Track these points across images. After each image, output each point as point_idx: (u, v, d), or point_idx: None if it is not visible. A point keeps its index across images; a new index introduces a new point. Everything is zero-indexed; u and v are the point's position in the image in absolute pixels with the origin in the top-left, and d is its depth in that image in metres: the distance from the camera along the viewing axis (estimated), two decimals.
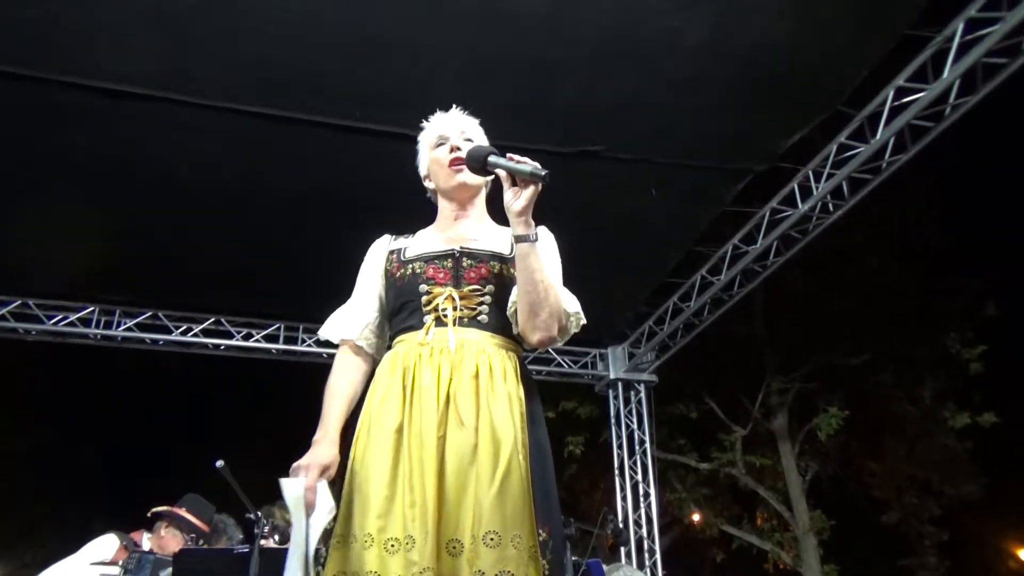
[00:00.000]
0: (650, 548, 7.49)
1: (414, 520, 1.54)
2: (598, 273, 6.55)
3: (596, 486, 14.14)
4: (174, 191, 5.42)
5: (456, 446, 1.60)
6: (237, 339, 7.19)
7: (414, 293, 1.81)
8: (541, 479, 1.65)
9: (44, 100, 4.58)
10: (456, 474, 1.57)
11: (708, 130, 5.10)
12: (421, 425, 1.62)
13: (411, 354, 1.73)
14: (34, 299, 6.72)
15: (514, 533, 1.51)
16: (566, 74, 4.60)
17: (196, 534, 3.77)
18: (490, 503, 1.52)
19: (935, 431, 12.28)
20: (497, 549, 1.49)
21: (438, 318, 1.76)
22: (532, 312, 1.68)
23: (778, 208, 5.73)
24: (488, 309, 1.78)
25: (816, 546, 11.89)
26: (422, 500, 1.55)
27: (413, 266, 1.84)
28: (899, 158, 4.87)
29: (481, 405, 1.64)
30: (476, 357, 1.70)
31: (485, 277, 1.79)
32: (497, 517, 1.52)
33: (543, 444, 1.72)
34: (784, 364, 12.24)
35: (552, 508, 1.65)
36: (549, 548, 1.57)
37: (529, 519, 1.55)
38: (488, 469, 1.56)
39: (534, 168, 1.61)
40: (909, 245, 11.70)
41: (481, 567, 1.48)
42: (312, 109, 4.76)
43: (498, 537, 1.50)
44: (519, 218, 1.65)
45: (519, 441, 1.62)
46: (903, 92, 4.62)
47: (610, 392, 8.19)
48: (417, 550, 1.50)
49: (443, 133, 1.98)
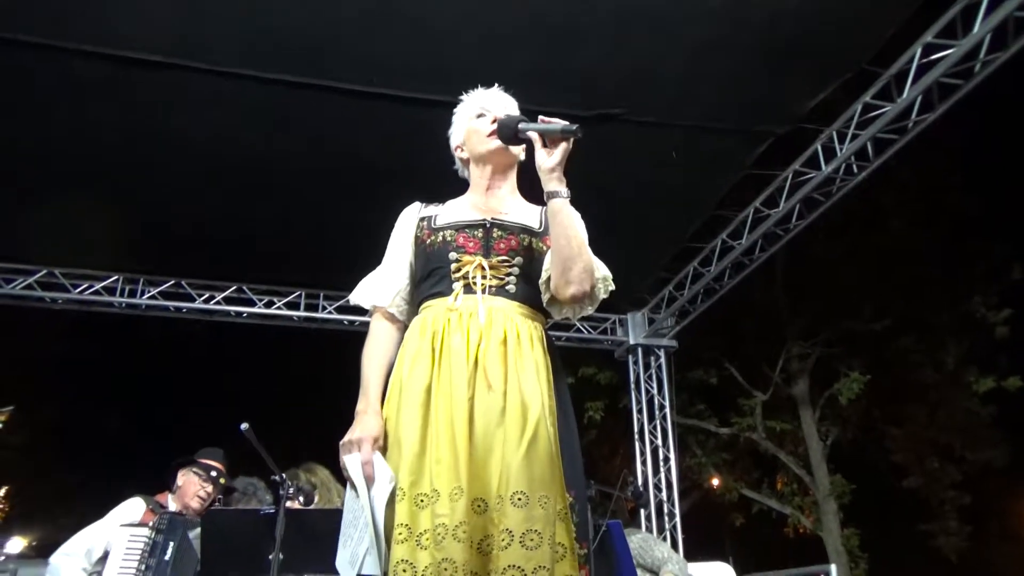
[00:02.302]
0: (670, 512, 7.55)
1: (439, 476, 1.56)
2: (617, 238, 6.49)
3: (615, 451, 14.24)
4: (194, 160, 5.44)
5: (484, 408, 1.62)
6: (259, 306, 7.26)
7: (443, 260, 1.81)
8: (569, 445, 1.68)
9: (63, 70, 4.59)
10: (484, 436, 1.60)
11: (729, 92, 5.01)
12: (451, 386, 1.64)
13: (440, 318, 1.75)
14: (59, 268, 6.82)
15: (541, 494, 1.53)
16: (585, 39, 4.53)
17: (217, 473, 3.82)
18: (518, 464, 1.55)
19: (958, 396, 12.19)
20: (524, 509, 1.51)
21: (467, 285, 1.77)
22: (566, 267, 1.71)
23: (801, 170, 5.65)
24: (515, 280, 1.79)
25: (836, 510, 11.93)
26: (450, 458, 1.57)
27: (444, 233, 1.85)
28: (926, 117, 4.77)
29: (509, 369, 1.66)
30: (504, 324, 1.72)
31: (514, 248, 1.81)
32: (524, 478, 1.54)
33: (569, 411, 1.76)
34: (805, 329, 12.17)
35: (578, 473, 1.69)
36: (575, 511, 1.62)
37: (558, 482, 1.58)
38: (516, 432, 1.59)
39: (565, 126, 1.66)
40: (933, 208, 11.50)
41: (509, 525, 1.50)
42: (330, 76, 4.74)
43: (525, 497, 1.52)
44: (552, 174, 1.70)
45: (546, 407, 1.65)
46: (931, 49, 4.50)
47: (630, 358, 8.20)
48: (443, 503, 1.53)
49: (485, 106, 1.99)
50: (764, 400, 12.40)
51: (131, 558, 3.42)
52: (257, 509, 3.14)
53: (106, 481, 13.23)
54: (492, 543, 1.50)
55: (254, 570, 3.40)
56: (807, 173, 5.60)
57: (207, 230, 6.28)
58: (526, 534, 1.49)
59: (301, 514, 2.95)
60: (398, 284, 1.90)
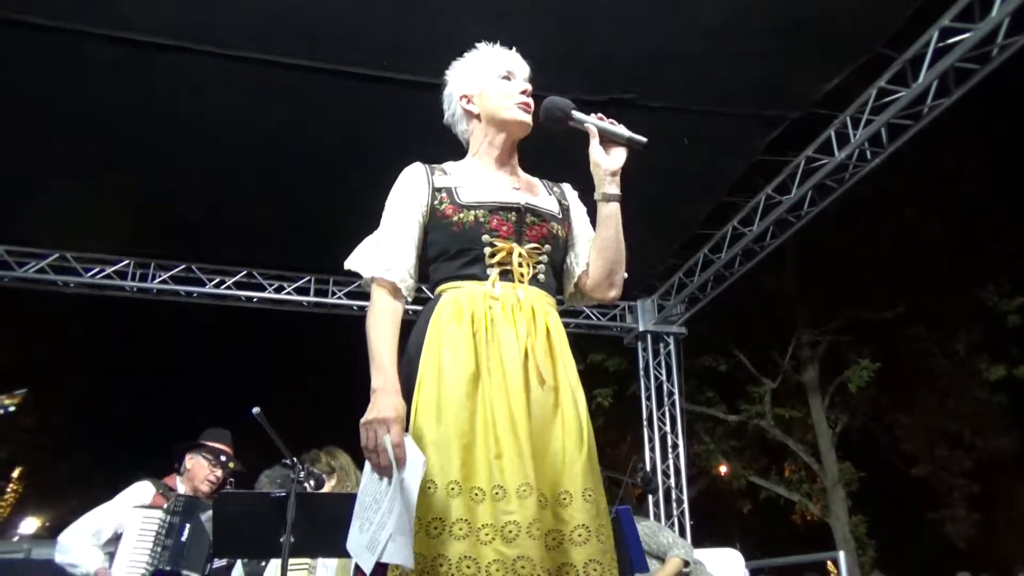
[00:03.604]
0: (678, 498, 7.56)
1: (502, 471, 1.51)
2: (627, 224, 6.45)
3: (623, 438, 14.24)
4: (205, 144, 5.43)
5: (539, 403, 1.61)
6: (269, 291, 7.28)
7: (476, 242, 1.74)
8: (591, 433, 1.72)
9: (75, 53, 4.58)
10: (540, 430, 1.59)
11: (742, 77, 4.96)
12: (505, 378, 1.60)
13: (479, 305, 1.68)
14: (71, 252, 6.85)
15: (599, 490, 1.60)
16: (597, 21, 4.49)
17: (226, 457, 3.81)
18: (583, 461, 1.59)
19: (968, 384, 12.15)
20: (594, 504, 1.56)
21: (504, 272, 1.72)
22: (612, 270, 1.77)
23: (814, 156, 5.60)
24: (545, 269, 1.79)
25: (844, 498, 11.93)
26: (513, 453, 1.52)
27: (476, 213, 1.76)
28: (941, 103, 4.71)
29: (557, 363, 1.67)
30: (544, 315, 1.71)
31: (545, 236, 1.79)
32: (590, 474, 1.59)
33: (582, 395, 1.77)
34: (815, 317, 12.13)
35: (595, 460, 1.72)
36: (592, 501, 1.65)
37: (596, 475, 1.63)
38: (574, 427, 1.61)
39: (631, 136, 1.71)
40: (946, 196, 11.40)
41: (583, 521, 1.53)
42: (341, 60, 4.72)
43: (593, 494, 1.57)
44: (613, 177, 1.74)
45: (582, 402, 1.68)
46: (948, 32, 4.44)
47: (639, 344, 8.18)
48: (511, 499, 1.48)
49: (512, 69, 1.94)
50: (773, 388, 12.38)
51: (145, 539, 3.45)
52: (268, 492, 3.16)
53: (117, 463, 13.35)
54: (563, 538, 1.52)
55: (265, 553, 3.43)
56: (820, 159, 5.55)
57: (218, 214, 6.28)
58: (599, 529, 1.54)
59: (312, 498, 2.96)
60: (407, 259, 1.77)
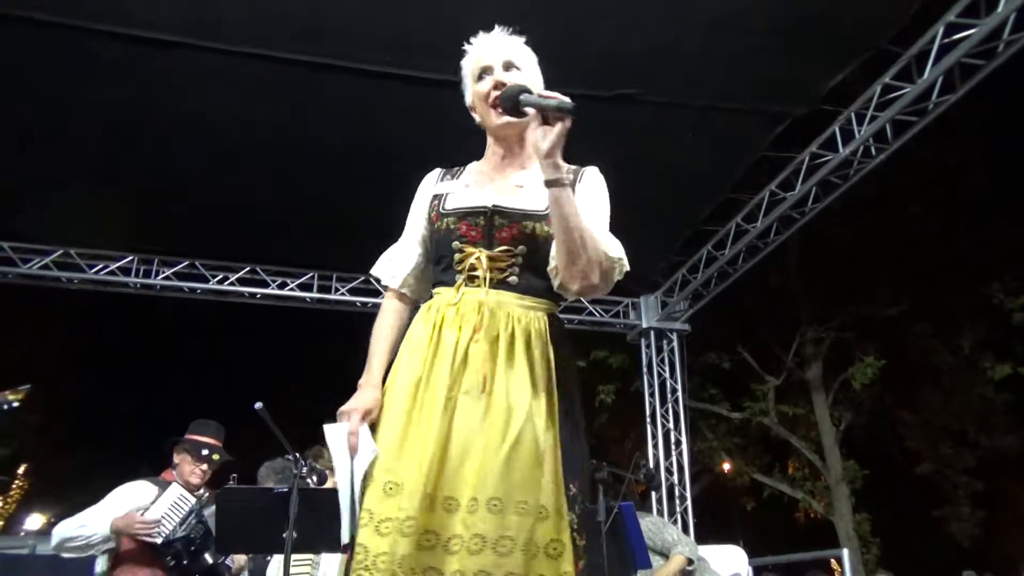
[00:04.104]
0: (681, 495, 7.56)
1: (407, 470, 1.56)
2: (630, 220, 6.42)
3: (626, 435, 14.26)
4: (208, 140, 5.44)
5: (467, 408, 1.60)
6: (272, 288, 7.28)
7: (448, 249, 1.77)
8: (573, 434, 1.66)
9: (79, 50, 4.59)
10: (462, 436, 1.58)
11: (746, 73, 4.95)
12: (436, 383, 1.63)
13: (442, 310, 1.73)
14: (75, 248, 6.86)
15: (519, 500, 1.52)
16: (600, 17, 4.48)
17: (208, 451, 3.76)
18: (497, 471, 1.53)
19: (973, 382, 12.12)
20: (500, 515, 1.50)
21: (469, 277, 1.73)
22: (570, 260, 1.62)
23: (818, 152, 5.58)
24: (518, 270, 1.74)
25: (848, 495, 11.91)
26: (421, 454, 1.57)
27: (448, 220, 1.79)
28: (947, 99, 4.69)
29: (498, 369, 1.63)
30: (502, 321, 1.68)
31: (516, 237, 1.73)
32: (502, 484, 1.52)
33: (575, 399, 1.72)
34: (819, 314, 12.10)
35: (583, 461, 1.67)
36: (578, 501, 1.61)
37: (551, 483, 1.56)
38: (497, 436, 1.57)
39: (560, 102, 1.51)
40: (951, 192, 11.36)
41: (482, 531, 1.50)
42: (344, 55, 4.72)
43: (501, 504, 1.51)
44: (546, 160, 1.55)
45: (535, 408, 1.61)
46: (953, 28, 4.41)
47: (642, 341, 8.17)
48: (404, 497, 1.54)
49: (485, 63, 1.86)
50: (777, 385, 12.36)
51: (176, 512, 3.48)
52: (271, 488, 3.16)
53: (121, 459, 13.39)
54: (461, 545, 1.50)
55: (268, 548, 3.44)
56: (824, 155, 5.53)
57: (221, 211, 6.29)
58: (499, 540, 1.49)
59: (315, 493, 2.97)
60: (408, 263, 1.88)
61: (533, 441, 1.57)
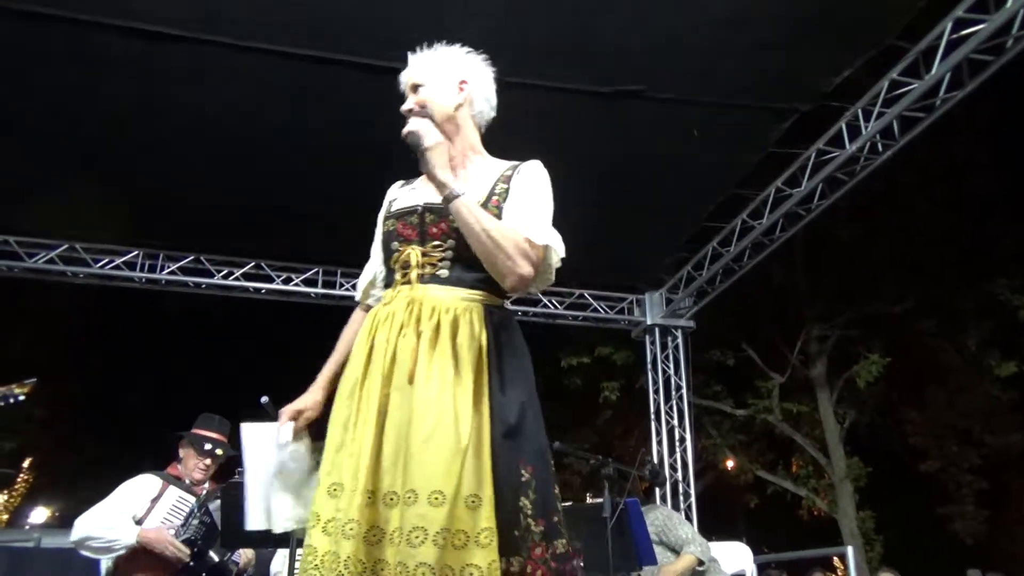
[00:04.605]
0: (685, 492, 7.56)
1: (347, 470, 1.60)
2: (636, 217, 6.47)
3: (630, 432, 14.25)
4: (213, 135, 5.44)
5: (396, 404, 1.63)
6: (277, 283, 7.29)
7: (389, 250, 1.86)
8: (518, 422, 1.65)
9: (82, 44, 4.59)
10: (394, 431, 1.61)
11: (752, 69, 4.94)
12: (371, 383, 1.68)
13: (378, 312, 1.80)
14: (80, 243, 6.87)
15: (433, 490, 1.52)
16: (606, 13, 4.47)
17: (212, 445, 3.75)
18: (413, 463, 1.55)
19: (979, 380, 12.08)
20: (413, 507, 1.52)
21: (404, 275, 1.79)
22: (489, 261, 1.69)
23: (824, 149, 5.56)
24: (449, 263, 1.77)
25: (852, 493, 11.90)
26: (358, 453, 1.60)
27: (389, 223, 1.88)
28: (954, 95, 4.67)
29: (419, 365, 1.65)
30: (429, 315, 1.71)
31: (446, 232, 1.77)
32: (417, 476, 1.53)
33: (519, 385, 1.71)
34: (824, 311, 12.07)
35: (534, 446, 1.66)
36: (533, 487, 1.60)
37: (453, 476, 1.54)
38: (418, 429, 1.58)
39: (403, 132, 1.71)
40: (957, 189, 11.31)
41: (399, 523, 1.52)
42: (348, 51, 4.71)
43: (415, 496, 1.53)
44: (432, 183, 1.72)
45: (459, 397, 1.62)
46: (962, 24, 4.39)
47: (647, 338, 8.17)
48: (344, 498, 1.57)
49: (403, 88, 1.95)
50: (781, 382, 12.34)
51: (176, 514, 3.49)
52: None
53: (127, 453, 13.45)
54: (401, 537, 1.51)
55: (272, 543, 3.44)
56: (831, 152, 5.51)
57: (226, 206, 6.30)
58: (412, 531, 1.50)
59: None
60: (368, 275, 1.99)
61: (451, 431, 1.58)
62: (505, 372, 1.70)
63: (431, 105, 1.85)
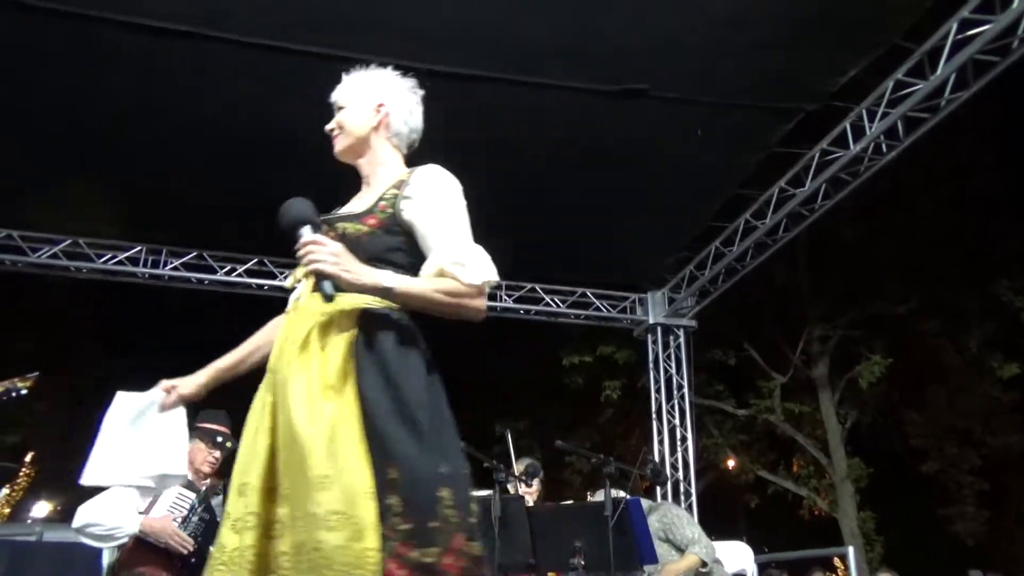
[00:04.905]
0: (686, 491, 7.56)
1: (252, 471, 1.68)
2: (639, 216, 6.46)
3: (632, 431, 14.24)
4: (215, 131, 5.44)
5: (280, 407, 1.71)
6: (280, 279, 7.30)
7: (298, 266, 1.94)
8: (395, 421, 1.66)
9: (87, 39, 4.60)
10: (281, 431, 1.68)
11: (756, 68, 4.93)
12: (264, 389, 1.78)
13: (284, 319, 1.92)
14: (84, 238, 6.88)
15: (284, 487, 1.61)
16: (609, 11, 4.46)
17: (222, 437, 3.79)
18: (282, 459, 1.64)
19: (980, 381, 12.07)
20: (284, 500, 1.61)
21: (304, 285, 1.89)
22: (440, 315, 1.78)
23: (828, 149, 5.55)
24: None
25: (853, 493, 11.89)
26: (260, 453, 1.69)
27: None
28: (959, 95, 4.66)
29: (283, 370, 1.72)
30: (304, 323, 1.77)
31: (334, 240, 1.85)
32: (284, 474, 1.62)
33: (401, 386, 1.71)
34: (827, 311, 12.06)
35: (404, 444, 1.64)
36: (400, 486, 1.58)
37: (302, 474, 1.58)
38: (283, 431, 1.66)
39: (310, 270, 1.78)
40: (961, 190, 11.29)
41: (279, 517, 1.61)
42: (353, 47, 4.69)
43: (274, 493, 1.64)
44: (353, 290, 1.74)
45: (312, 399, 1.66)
46: (967, 24, 4.38)
47: (649, 337, 8.16)
48: (248, 496, 1.66)
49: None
50: (783, 382, 12.33)
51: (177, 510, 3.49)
52: None
53: None
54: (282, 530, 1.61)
55: None
56: (835, 152, 5.50)
57: (229, 202, 6.29)
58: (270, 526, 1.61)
59: None
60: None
61: (301, 431, 1.62)
62: (382, 369, 1.72)
63: (346, 127, 2.04)
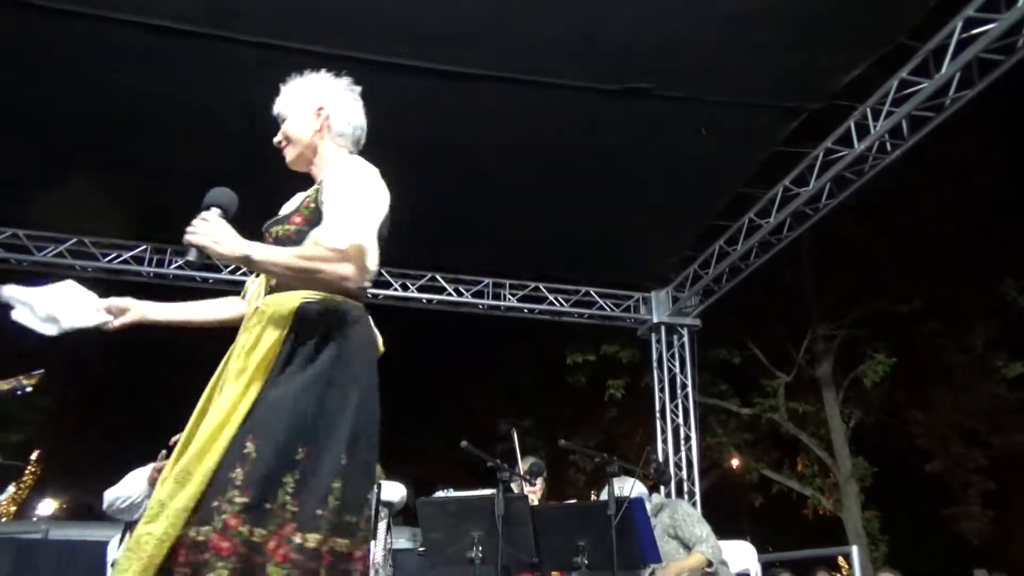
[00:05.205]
0: (690, 491, 7.55)
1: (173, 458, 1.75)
2: (642, 215, 6.45)
3: (636, 430, 14.23)
4: (221, 131, 5.45)
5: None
6: None
7: None
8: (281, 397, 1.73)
9: (94, 38, 4.62)
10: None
11: (761, 67, 4.92)
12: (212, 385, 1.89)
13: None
14: (88, 237, 6.90)
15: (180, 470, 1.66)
16: (615, 10, 4.46)
17: None
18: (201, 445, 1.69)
19: (985, 380, 12.04)
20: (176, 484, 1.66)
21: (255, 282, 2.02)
22: (308, 283, 1.83)
23: (833, 148, 5.54)
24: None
25: (857, 493, 11.87)
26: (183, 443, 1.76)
27: None
28: (964, 94, 4.65)
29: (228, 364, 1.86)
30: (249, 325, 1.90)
31: (270, 243, 2.00)
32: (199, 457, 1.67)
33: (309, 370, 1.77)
34: (831, 310, 12.04)
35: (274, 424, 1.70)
36: (251, 459, 1.65)
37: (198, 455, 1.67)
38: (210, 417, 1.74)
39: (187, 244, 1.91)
40: (964, 190, 11.26)
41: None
42: (359, 46, 4.71)
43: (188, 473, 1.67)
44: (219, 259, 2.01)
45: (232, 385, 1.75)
46: (972, 23, 4.37)
47: (653, 336, 8.16)
48: (162, 482, 1.70)
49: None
50: (787, 381, 12.31)
51: None
52: None
53: (135, 446, 13.45)
54: None
55: None
56: (839, 151, 5.49)
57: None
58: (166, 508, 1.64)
59: None
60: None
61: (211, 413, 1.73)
62: (299, 359, 1.78)
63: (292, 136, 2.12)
